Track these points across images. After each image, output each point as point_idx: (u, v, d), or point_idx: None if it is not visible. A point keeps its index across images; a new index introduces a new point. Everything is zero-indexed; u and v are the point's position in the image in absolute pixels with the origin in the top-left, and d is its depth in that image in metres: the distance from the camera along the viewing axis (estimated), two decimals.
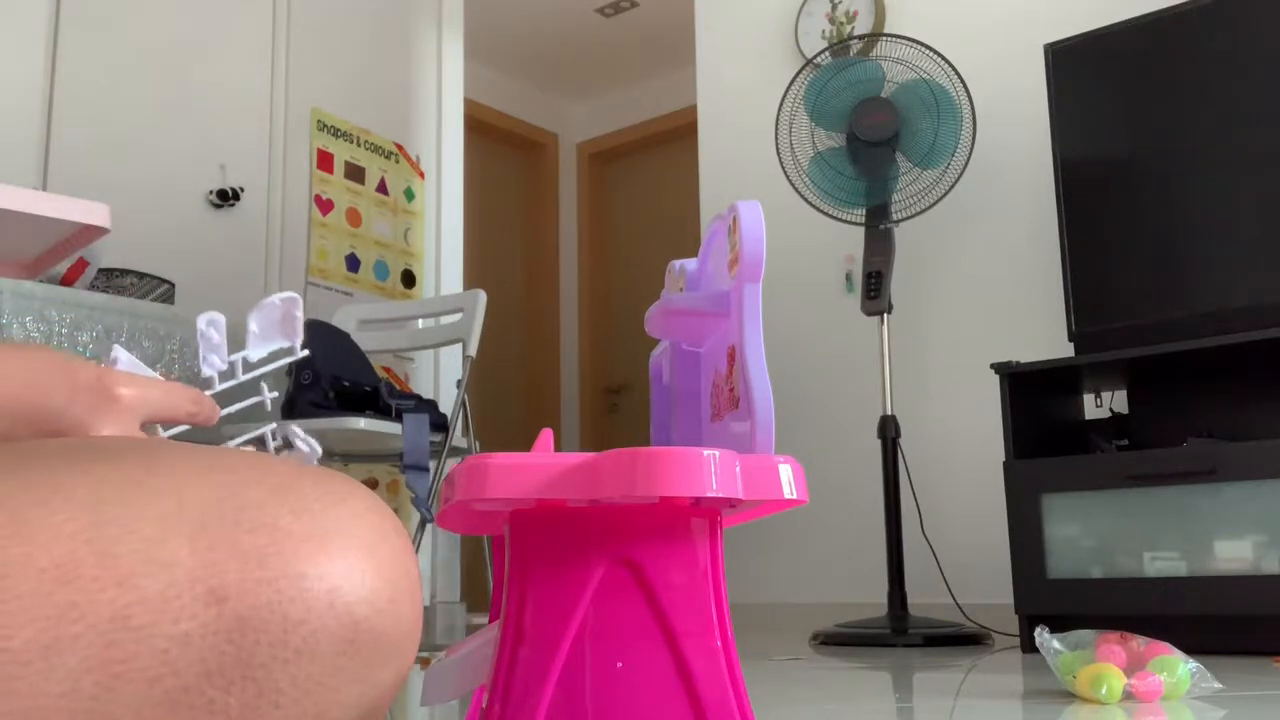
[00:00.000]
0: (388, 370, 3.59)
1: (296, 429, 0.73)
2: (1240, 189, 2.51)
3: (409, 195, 3.86)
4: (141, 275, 3.00)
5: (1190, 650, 1.68)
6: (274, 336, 0.73)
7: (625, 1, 4.87)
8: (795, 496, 0.73)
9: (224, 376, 0.72)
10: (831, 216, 3.12)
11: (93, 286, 2.67)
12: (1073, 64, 2.75)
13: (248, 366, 0.73)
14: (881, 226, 3.03)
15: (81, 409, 0.63)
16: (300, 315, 0.74)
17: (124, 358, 0.68)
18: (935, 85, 2.97)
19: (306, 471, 0.47)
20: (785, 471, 0.73)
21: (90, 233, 2.02)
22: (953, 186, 3.02)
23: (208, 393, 0.70)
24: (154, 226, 3.13)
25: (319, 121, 3.58)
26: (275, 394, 0.73)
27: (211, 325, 0.71)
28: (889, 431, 2.94)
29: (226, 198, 3.29)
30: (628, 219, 5.63)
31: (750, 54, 3.92)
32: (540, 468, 0.68)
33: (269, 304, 0.73)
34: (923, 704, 1.60)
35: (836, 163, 3.06)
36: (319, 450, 0.73)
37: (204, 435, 2.74)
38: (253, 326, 0.73)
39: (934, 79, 2.99)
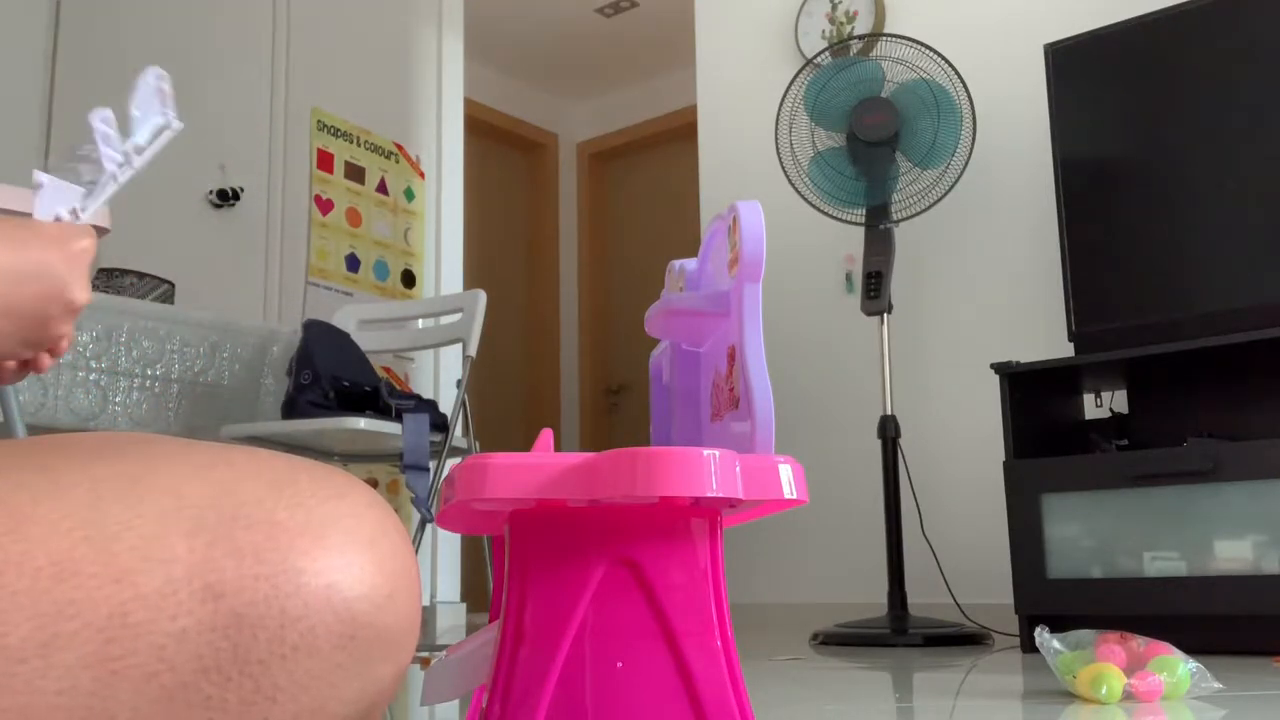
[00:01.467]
0: (388, 370, 3.59)
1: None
2: (1240, 189, 2.50)
3: (409, 195, 3.86)
4: (141, 275, 3.00)
5: (1190, 650, 1.68)
6: (152, 115, 0.73)
7: (625, 1, 4.87)
8: (795, 496, 0.73)
9: (121, 171, 0.72)
10: (831, 216, 3.12)
11: (92, 286, 2.66)
12: (1073, 64, 2.75)
13: (139, 151, 0.73)
14: (881, 226, 3.03)
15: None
16: (169, 89, 0.73)
17: (46, 180, 0.68)
18: (935, 85, 2.97)
19: (304, 467, 0.47)
20: (785, 471, 0.73)
21: None
22: (953, 186, 3.02)
23: (112, 187, 0.70)
24: (154, 226, 3.13)
25: (319, 121, 3.58)
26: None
27: (104, 121, 0.71)
28: (889, 431, 2.94)
29: (226, 198, 3.29)
30: (628, 219, 5.63)
31: (750, 54, 3.92)
32: (540, 468, 0.68)
33: (141, 83, 0.72)
34: (923, 704, 1.60)
35: (836, 163, 3.06)
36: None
37: (205, 435, 2.74)
38: (134, 111, 0.72)
39: (934, 79, 2.99)
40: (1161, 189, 2.60)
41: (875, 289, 2.96)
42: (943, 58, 3.01)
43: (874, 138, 3.00)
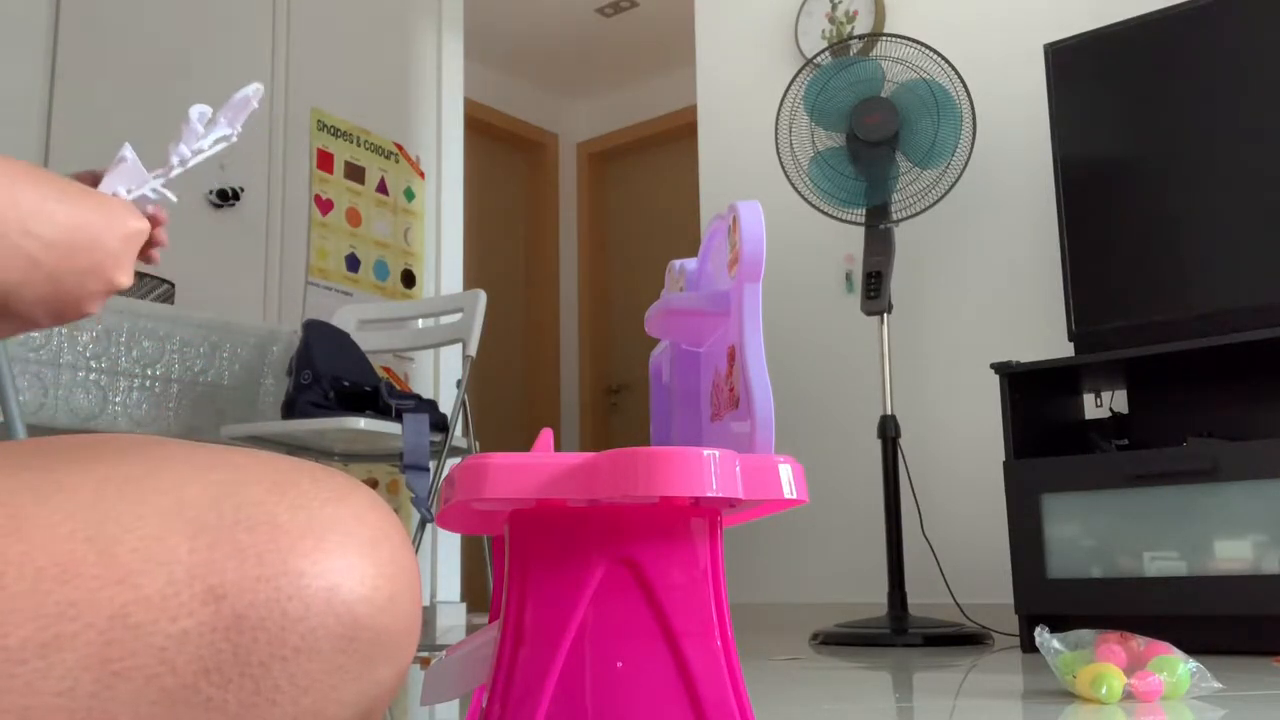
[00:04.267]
0: (388, 370, 3.59)
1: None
2: (1240, 189, 2.51)
3: (409, 195, 3.86)
4: (141, 275, 3.00)
5: (1190, 650, 1.68)
6: (226, 123, 0.73)
7: (625, 1, 4.87)
8: (795, 496, 0.73)
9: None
10: (831, 216, 3.12)
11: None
12: (1073, 64, 2.75)
13: (197, 153, 0.73)
14: (881, 226, 3.03)
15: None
16: (256, 107, 0.74)
17: (130, 157, 0.68)
18: (935, 85, 2.97)
19: (306, 469, 0.47)
20: (785, 471, 0.73)
21: None
22: (953, 186, 3.02)
23: (162, 180, 0.70)
24: None
25: (319, 121, 3.58)
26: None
27: (200, 117, 0.71)
28: (889, 431, 2.94)
29: (226, 197, 3.29)
30: (628, 219, 5.63)
31: (750, 54, 3.92)
32: (540, 468, 0.68)
33: (241, 93, 0.73)
34: (923, 704, 1.60)
35: (836, 163, 3.06)
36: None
37: (205, 435, 2.74)
38: (221, 115, 0.73)
39: (934, 79, 2.99)
40: (1161, 189, 2.60)
41: (875, 289, 2.96)
42: (943, 57, 3.01)
43: (874, 137, 3.00)
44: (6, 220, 0.54)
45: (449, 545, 3.75)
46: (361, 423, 2.49)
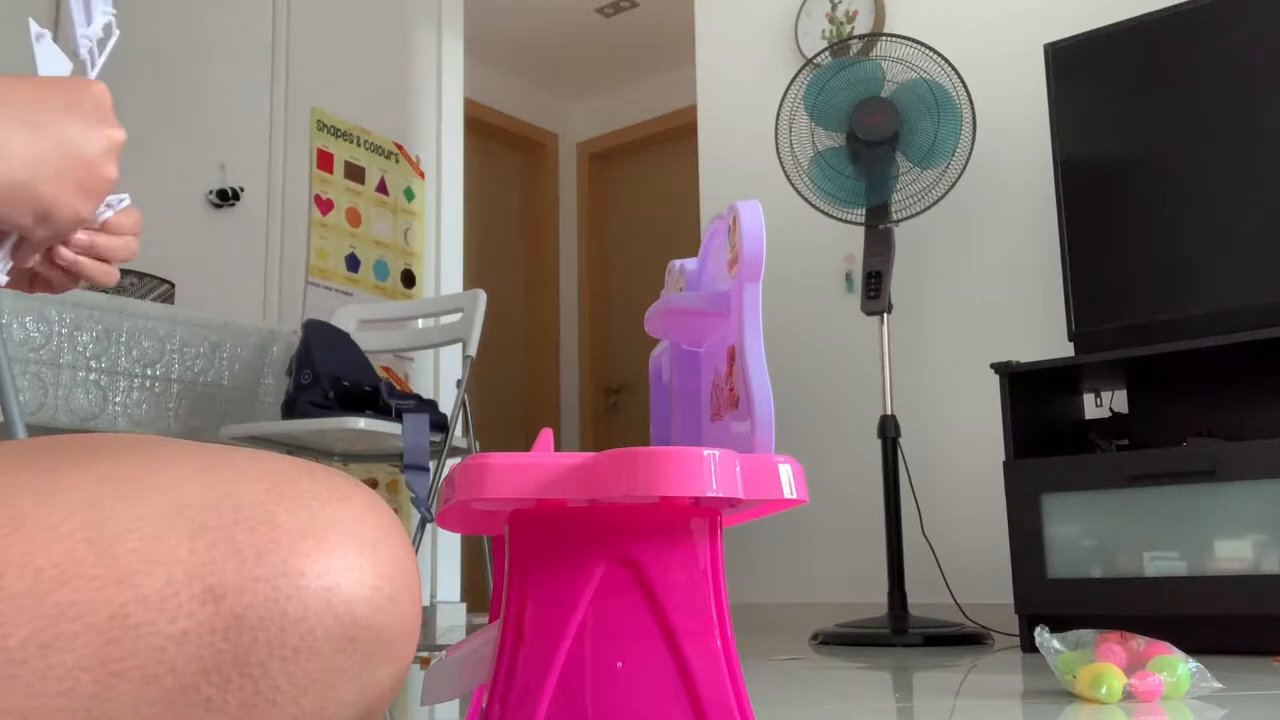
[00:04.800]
0: (388, 370, 3.59)
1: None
2: (1240, 189, 2.50)
3: (409, 195, 3.86)
4: (141, 275, 3.00)
5: (1190, 650, 1.68)
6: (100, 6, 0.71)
7: (625, 1, 4.87)
8: (795, 496, 0.73)
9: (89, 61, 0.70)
10: (831, 216, 3.12)
11: (93, 286, 2.66)
12: (1073, 64, 2.75)
13: (100, 45, 0.70)
14: (881, 226, 3.03)
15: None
16: None
17: (45, 35, 0.66)
18: (935, 85, 2.97)
19: (306, 469, 0.47)
20: (785, 471, 0.73)
21: None
22: (953, 186, 3.02)
23: (92, 73, 0.67)
24: (154, 226, 3.12)
25: (319, 121, 3.58)
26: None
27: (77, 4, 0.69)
28: (889, 431, 2.94)
29: (226, 198, 3.29)
30: (628, 219, 5.63)
31: (750, 54, 3.92)
32: (540, 468, 0.68)
33: None
34: (923, 704, 1.60)
35: (836, 162, 3.06)
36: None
37: (205, 435, 2.74)
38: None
39: (934, 78, 2.99)
40: (1161, 188, 2.60)
41: (875, 289, 2.96)
42: (943, 57, 3.01)
43: (874, 137, 3.00)
44: None
45: (449, 545, 3.75)
46: (361, 423, 2.49)
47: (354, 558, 0.43)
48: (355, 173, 3.68)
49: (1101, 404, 2.88)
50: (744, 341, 0.80)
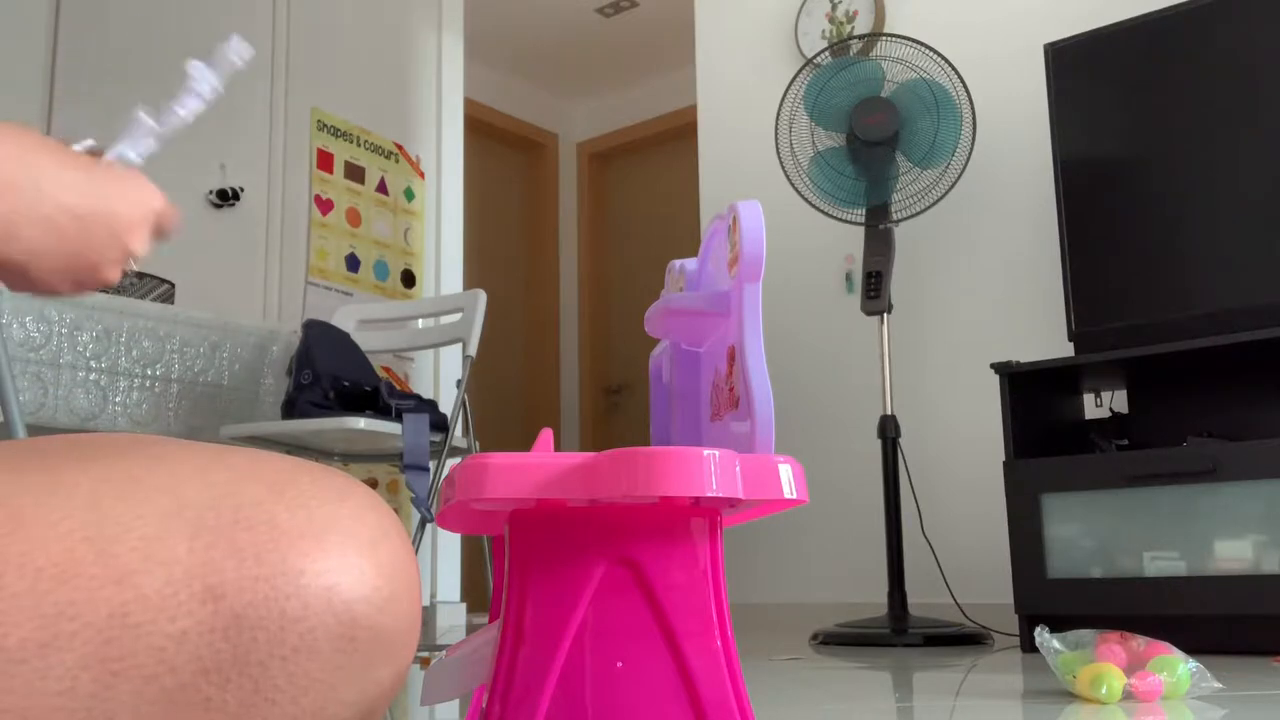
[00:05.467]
0: (388, 370, 3.59)
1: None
2: (1240, 189, 2.50)
3: (409, 195, 3.86)
4: (141, 275, 3.00)
5: (1190, 650, 1.68)
6: (207, 83, 0.73)
7: (625, 1, 4.87)
8: (795, 496, 0.73)
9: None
10: (831, 216, 3.12)
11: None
12: (1073, 64, 2.75)
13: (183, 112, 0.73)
14: (881, 226, 3.03)
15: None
16: (238, 62, 0.73)
17: (143, 118, 0.67)
18: (935, 85, 2.97)
19: (305, 469, 0.47)
20: (785, 471, 0.73)
21: None
22: (953, 186, 3.02)
23: (175, 123, 0.70)
24: None
25: (319, 121, 3.58)
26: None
27: (200, 74, 0.71)
28: (889, 431, 2.94)
29: (226, 198, 3.29)
30: (628, 219, 5.63)
31: (750, 54, 3.92)
32: (540, 468, 0.68)
33: (221, 52, 0.72)
34: (923, 704, 1.60)
35: (836, 162, 3.06)
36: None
37: (205, 435, 2.74)
38: (208, 71, 0.72)
39: (934, 78, 2.99)
40: (1161, 189, 2.60)
41: (875, 289, 2.96)
42: (943, 57, 3.01)
43: (874, 138, 3.00)
44: (26, 188, 0.54)
45: (449, 545, 3.75)
46: (361, 423, 2.49)
47: (354, 557, 0.43)
48: (355, 173, 3.68)
49: (1101, 404, 2.88)
50: (744, 341, 0.80)
